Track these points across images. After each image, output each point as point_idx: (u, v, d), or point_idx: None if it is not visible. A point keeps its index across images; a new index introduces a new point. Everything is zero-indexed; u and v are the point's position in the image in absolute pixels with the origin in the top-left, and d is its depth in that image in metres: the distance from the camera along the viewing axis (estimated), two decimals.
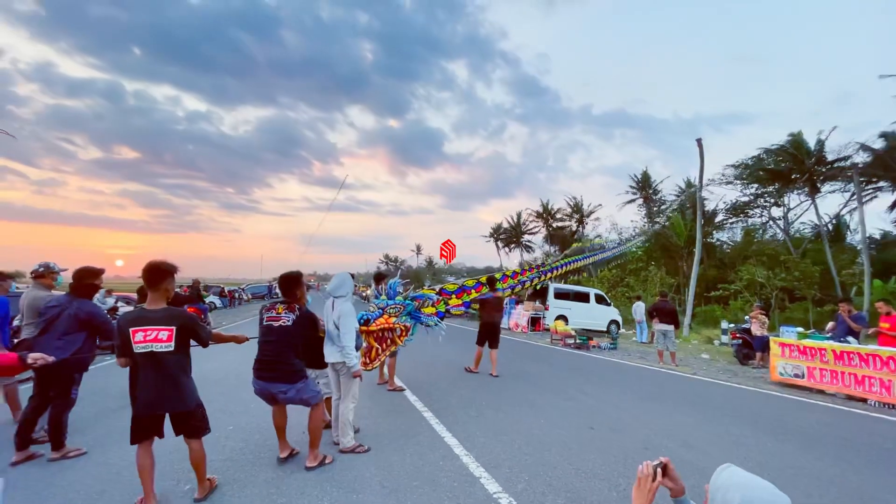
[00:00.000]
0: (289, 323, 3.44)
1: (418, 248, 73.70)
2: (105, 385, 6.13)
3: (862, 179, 19.49)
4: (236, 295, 29.23)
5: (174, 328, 2.68)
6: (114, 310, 10.17)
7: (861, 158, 19.37)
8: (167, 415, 2.76)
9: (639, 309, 15.45)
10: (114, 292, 13.41)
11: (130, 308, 11.57)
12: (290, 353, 3.43)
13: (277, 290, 4.01)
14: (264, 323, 3.50)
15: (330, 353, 3.88)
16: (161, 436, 2.80)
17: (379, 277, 6.63)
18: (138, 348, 2.62)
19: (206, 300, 19.26)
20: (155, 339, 2.64)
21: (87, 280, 3.79)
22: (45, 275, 4.24)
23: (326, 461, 3.58)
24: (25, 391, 4.07)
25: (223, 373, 6.77)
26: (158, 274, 2.74)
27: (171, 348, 2.66)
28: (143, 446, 2.74)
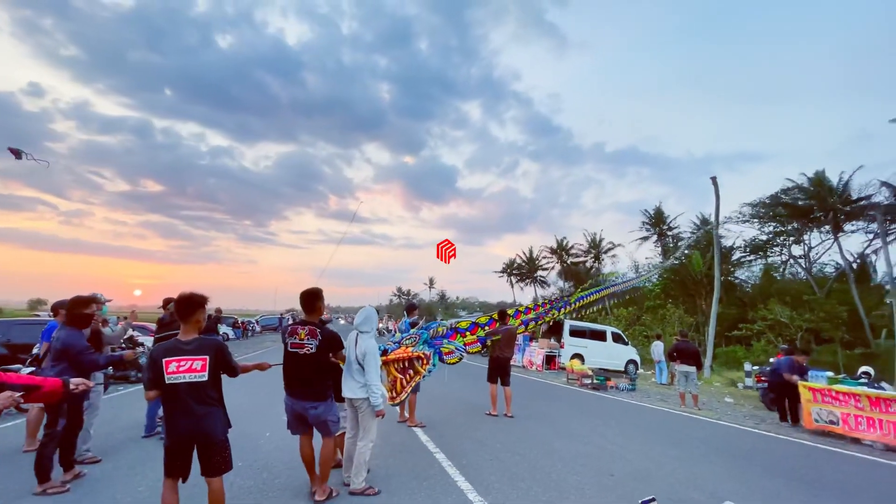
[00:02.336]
0: (313, 350, 3.49)
1: (431, 282, 73.77)
2: (116, 415, 6.11)
3: (886, 219, 19.10)
4: (249, 326, 29.31)
5: (208, 357, 2.70)
6: (132, 339, 10.25)
7: (883, 197, 19.07)
8: (196, 449, 2.72)
9: (658, 349, 14.98)
10: (124, 320, 13.51)
11: (145, 338, 11.64)
12: (318, 375, 3.55)
13: (289, 323, 4.03)
14: (289, 349, 3.54)
15: (349, 389, 3.80)
16: (186, 478, 2.74)
17: (411, 308, 6.77)
18: (171, 379, 2.62)
19: (220, 331, 19.39)
20: (189, 370, 2.65)
21: (77, 310, 3.77)
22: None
23: (334, 494, 3.57)
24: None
25: (231, 407, 6.65)
26: (191, 305, 2.77)
27: (205, 378, 2.67)
28: (170, 482, 2.70)
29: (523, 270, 47.15)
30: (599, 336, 16.68)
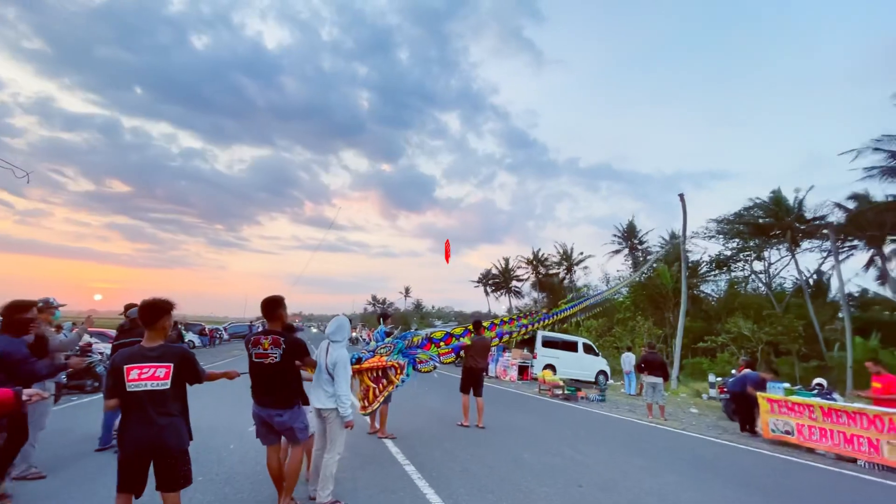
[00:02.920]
0: (277, 359, 3.40)
1: (406, 291, 73.48)
2: (69, 428, 5.78)
3: (838, 238, 20.24)
4: (216, 334, 28.36)
5: (172, 365, 2.60)
6: (88, 346, 9.76)
7: (836, 217, 20.22)
8: (152, 462, 2.57)
9: (628, 360, 15.32)
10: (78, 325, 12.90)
11: (104, 346, 11.09)
12: (284, 384, 3.47)
13: (259, 330, 3.94)
14: (254, 360, 3.45)
15: (318, 399, 3.73)
16: (140, 493, 2.58)
17: (384, 317, 6.84)
18: (131, 386, 2.50)
19: (185, 339, 18.64)
20: (151, 377, 2.54)
21: (13, 315, 3.54)
22: (42, 310, 4.13)
23: None
24: None
25: (194, 417, 6.40)
26: (156, 311, 2.68)
27: (168, 386, 2.56)
28: (123, 498, 2.54)
29: (498, 281, 47.54)
30: (571, 347, 16.93)
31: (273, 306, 3.58)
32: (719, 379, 14.36)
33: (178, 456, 2.60)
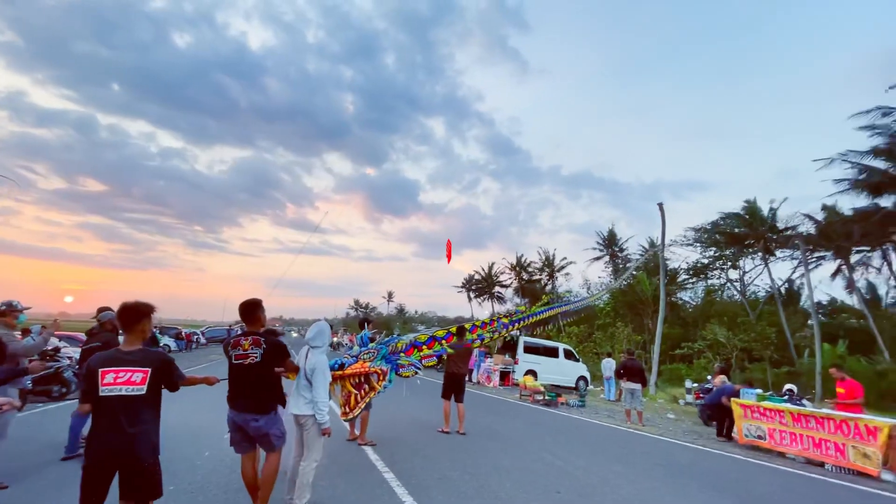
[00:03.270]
0: (258, 359, 3.36)
1: (389, 295, 72.97)
2: (32, 435, 5.54)
3: (808, 248, 20.99)
4: (193, 338, 27.62)
5: (150, 370, 2.51)
6: (56, 350, 9.41)
7: (806, 228, 20.98)
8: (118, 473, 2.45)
9: (608, 366, 15.53)
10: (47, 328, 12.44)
11: (73, 349, 10.72)
12: (263, 386, 3.42)
13: (237, 333, 3.89)
14: (233, 362, 3.39)
15: (296, 405, 3.68)
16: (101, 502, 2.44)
17: (365, 323, 6.86)
18: (105, 391, 2.40)
19: (161, 343, 18.11)
20: (127, 382, 2.44)
21: None
22: (5, 313, 4.02)
23: None
24: None
25: (167, 425, 6.22)
26: (136, 314, 2.61)
27: (143, 392, 2.47)
28: None
29: (482, 286, 47.69)
30: (552, 353, 17.07)
31: (251, 309, 3.55)
32: (695, 385, 14.67)
33: (147, 467, 2.49)
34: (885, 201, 17.21)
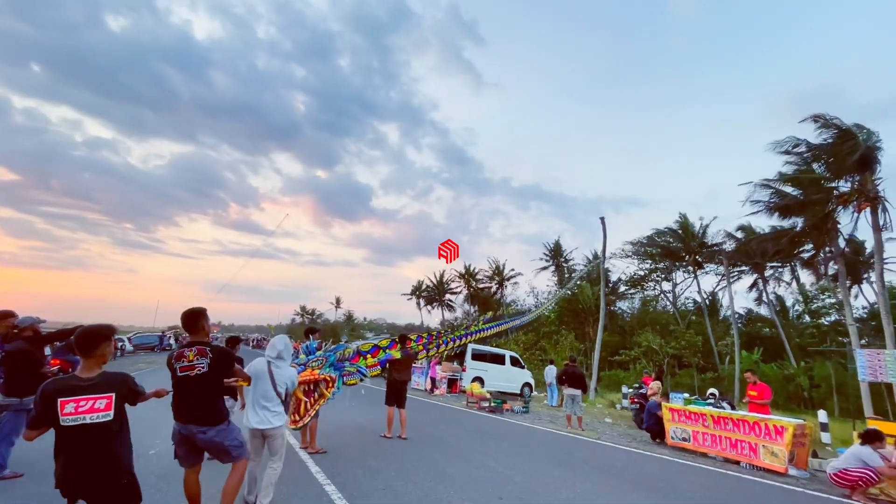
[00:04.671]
0: (205, 369, 3.20)
1: (337, 301, 71.28)
2: None
3: (730, 263, 22.99)
4: (119, 345, 25.35)
5: (113, 395, 2.40)
6: None
7: (728, 245, 22.98)
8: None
9: (550, 372, 16.05)
10: None
11: None
12: (210, 396, 3.29)
13: (171, 342, 3.69)
14: (178, 374, 3.21)
15: (262, 420, 3.75)
16: None
17: (311, 332, 6.85)
18: (67, 421, 2.27)
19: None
20: (90, 410, 2.32)
21: None
22: None
23: None
24: None
25: None
26: (93, 339, 2.47)
27: (110, 417, 2.37)
28: None
29: (432, 293, 47.77)
30: (499, 360, 17.40)
31: (195, 318, 3.38)
32: (630, 390, 15.52)
33: (126, 483, 2.48)
34: (789, 223, 19.12)
